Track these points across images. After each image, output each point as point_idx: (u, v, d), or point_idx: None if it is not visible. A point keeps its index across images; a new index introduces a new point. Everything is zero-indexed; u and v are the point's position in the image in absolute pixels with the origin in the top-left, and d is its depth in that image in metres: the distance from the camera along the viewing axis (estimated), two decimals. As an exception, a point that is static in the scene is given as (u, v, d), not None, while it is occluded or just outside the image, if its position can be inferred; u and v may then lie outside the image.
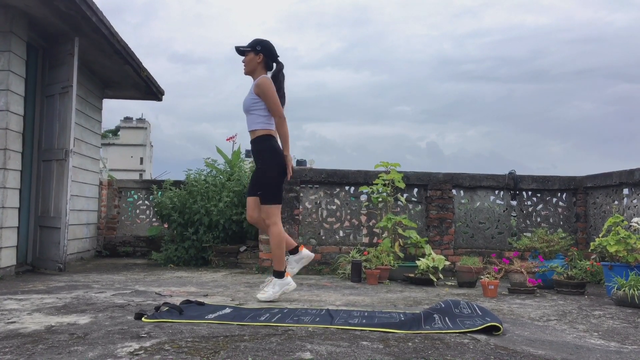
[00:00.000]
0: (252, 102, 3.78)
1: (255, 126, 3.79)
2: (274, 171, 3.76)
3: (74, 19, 5.15)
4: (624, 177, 5.37)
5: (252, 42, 3.88)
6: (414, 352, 2.32)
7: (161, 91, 8.25)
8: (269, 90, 3.72)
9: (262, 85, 3.73)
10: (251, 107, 3.79)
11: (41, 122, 5.77)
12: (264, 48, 3.84)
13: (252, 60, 3.84)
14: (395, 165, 5.84)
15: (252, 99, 3.79)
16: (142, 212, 8.12)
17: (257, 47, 3.84)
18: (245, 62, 3.88)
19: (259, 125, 3.78)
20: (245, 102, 3.85)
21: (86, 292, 4.01)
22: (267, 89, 3.72)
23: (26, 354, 2.17)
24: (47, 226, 5.58)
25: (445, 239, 6.03)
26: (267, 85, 3.73)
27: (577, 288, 4.52)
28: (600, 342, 2.68)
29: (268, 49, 3.85)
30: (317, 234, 6.06)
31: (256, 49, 3.83)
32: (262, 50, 3.84)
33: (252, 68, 3.86)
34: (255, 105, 3.77)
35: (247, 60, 3.86)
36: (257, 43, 3.85)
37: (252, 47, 3.84)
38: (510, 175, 6.26)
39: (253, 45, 3.85)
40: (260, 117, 3.77)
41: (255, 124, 3.79)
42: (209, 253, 6.44)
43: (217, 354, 2.20)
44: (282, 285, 3.75)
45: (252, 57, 3.84)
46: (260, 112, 3.77)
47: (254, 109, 3.78)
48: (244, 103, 3.86)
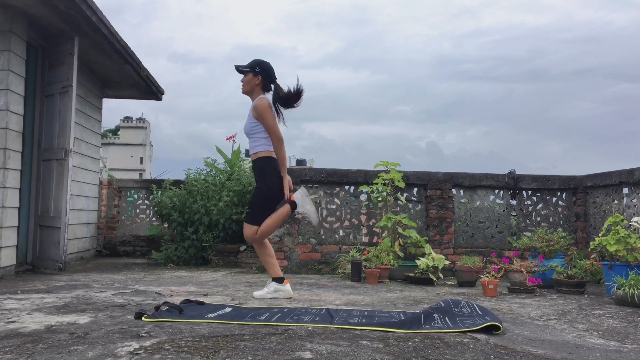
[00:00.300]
0: (252, 126, 3.86)
1: (257, 149, 3.87)
2: (270, 194, 3.84)
3: (74, 19, 5.15)
4: (623, 176, 5.38)
5: (251, 62, 3.92)
6: (413, 351, 2.32)
7: (161, 91, 8.25)
8: (266, 113, 3.77)
9: (258, 108, 3.79)
10: (251, 131, 3.87)
11: (41, 121, 5.77)
12: (262, 70, 3.89)
13: (251, 81, 3.89)
14: (395, 164, 5.84)
15: (251, 122, 3.86)
16: (142, 212, 8.13)
17: (257, 68, 3.89)
18: (244, 82, 3.93)
19: (261, 148, 3.86)
20: (245, 127, 3.94)
21: (86, 291, 4.01)
22: (264, 111, 3.77)
23: (26, 353, 2.17)
24: (47, 226, 5.58)
25: (445, 238, 6.03)
26: (264, 107, 3.78)
27: (577, 287, 4.53)
28: (600, 341, 2.68)
29: (267, 71, 3.90)
30: (317, 234, 6.06)
31: (255, 70, 3.88)
32: (261, 72, 3.89)
33: (250, 88, 3.91)
34: (255, 128, 3.85)
35: (246, 81, 3.92)
36: (257, 64, 3.90)
37: (251, 67, 3.89)
38: (510, 174, 6.26)
39: (252, 67, 3.89)
40: (261, 140, 3.85)
41: (257, 147, 3.87)
42: (208, 252, 6.44)
43: (217, 353, 2.20)
44: (277, 290, 3.84)
45: (251, 77, 3.89)
46: (261, 135, 3.84)
47: (254, 132, 3.86)
48: (245, 127, 3.95)
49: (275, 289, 3.83)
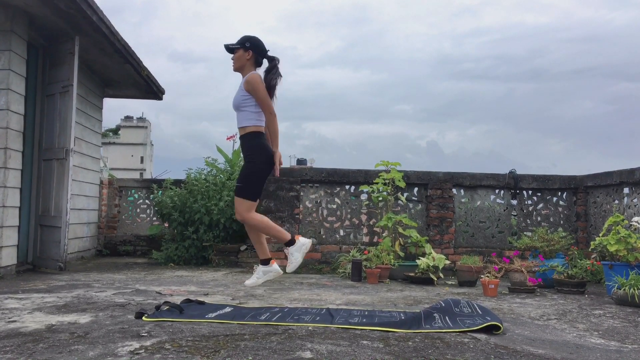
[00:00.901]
0: (243, 99, 3.79)
1: (246, 123, 3.79)
2: (261, 167, 3.76)
3: (75, 18, 5.15)
4: (624, 176, 5.37)
5: (240, 39, 3.89)
6: (414, 351, 2.32)
7: (161, 90, 8.25)
8: (259, 87, 3.72)
9: (252, 82, 3.73)
10: (241, 104, 3.79)
11: (42, 121, 5.77)
12: (252, 45, 3.85)
13: (241, 57, 3.85)
14: (395, 164, 5.84)
15: (242, 95, 3.80)
16: (143, 211, 8.13)
17: (246, 43, 3.85)
18: (235, 59, 3.89)
19: (250, 122, 3.77)
20: (235, 100, 3.85)
21: (87, 291, 4.02)
22: (257, 86, 3.72)
23: (27, 353, 2.17)
24: (48, 225, 5.58)
25: (445, 238, 6.03)
26: (256, 81, 3.73)
27: (578, 287, 4.52)
28: (601, 341, 2.68)
29: (257, 46, 3.86)
30: (317, 233, 6.06)
31: (245, 45, 3.84)
32: (251, 46, 3.84)
33: (241, 64, 3.86)
34: (246, 102, 3.77)
35: (236, 57, 3.87)
36: (246, 40, 3.86)
37: (241, 44, 3.85)
38: (510, 174, 6.26)
39: (242, 42, 3.86)
40: (251, 114, 3.77)
41: (245, 120, 3.79)
42: (209, 252, 6.44)
43: (218, 353, 2.20)
44: (266, 272, 3.82)
45: (241, 53, 3.85)
46: (251, 109, 3.77)
47: (245, 106, 3.78)
48: (234, 100, 3.87)
49: (264, 271, 3.81)
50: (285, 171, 6.17)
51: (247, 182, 3.76)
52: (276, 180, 5.96)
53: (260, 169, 3.76)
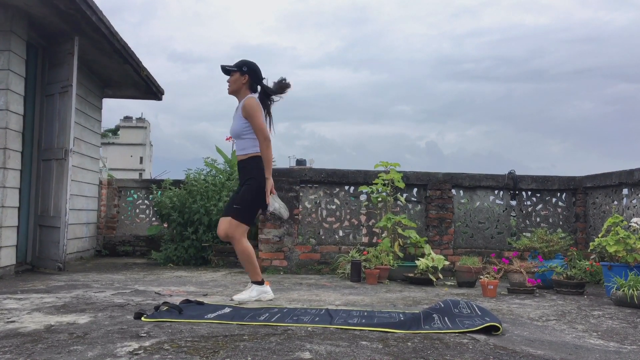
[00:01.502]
0: (243, 127, 3.75)
1: (248, 150, 3.77)
2: (261, 192, 3.73)
3: (74, 18, 5.15)
4: (623, 177, 5.38)
5: (238, 62, 3.88)
6: (413, 352, 2.32)
7: (161, 90, 8.25)
8: (255, 111, 3.71)
9: (248, 107, 3.72)
10: (242, 133, 3.77)
11: (41, 121, 5.77)
12: (250, 70, 3.85)
13: (237, 81, 3.85)
14: (394, 165, 5.84)
15: (242, 123, 3.76)
16: (142, 212, 8.13)
17: (244, 67, 3.85)
18: (230, 82, 3.88)
19: (252, 150, 3.76)
20: (235, 129, 3.82)
21: (86, 291, 4.01)
22: (254, 110, 3.71)
23: (26, 353, 2.17)
24: (47, 225, 5.58)
25: (444, 238, 6.04)
26: (253, 105, 3.73)
27: (577, 288, 4.53)
28: (600, 342, 2.68)
29: (254, 71, 3.86)
30: (316, 234, 6.07)
31: (242, 69, 3.84)
32: (248, 71, 3.84)
33: (237, 88, 3.87)
34: (247, 129, 3.75)
35: (232, 80, 3.87)
36: (244, 64, 3.86)
37: (238, 67, 3.85)
38: (509, 175, 6.26)
39: (239, 66, 3.85)
40: (253, 142, 3.76)
41: (247, 148, 3.77)
42: (208, 252, 6.44)
43: (217, 353, 2.20)
44: (260, 292, 3.74)
45: (238, 77, 3.84)
46: (251, 136, 3.75)
47: (246, 134, 3.76)
48: (234, 129, 3.83)
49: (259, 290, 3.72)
50: (284, 171, 6.17)
51: (246, 205, 3.72)
52: (275, 181, 5.94)
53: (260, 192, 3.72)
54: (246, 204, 3.72)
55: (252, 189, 3.72)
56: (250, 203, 3.73)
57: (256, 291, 3.73)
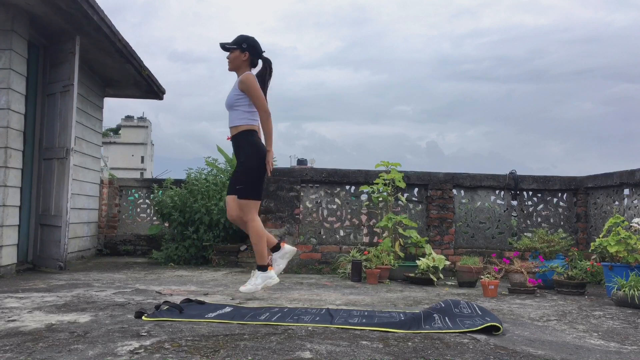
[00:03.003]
0: (236, 98, 3.79)
1: (239, 122, 3.79)
2: (255, 166, 3.74)
3: (75, 18, 5.16)
4: (624, 177, 5.37)
5: (237, 39, 3.88)
6: (413, 351, 2.32)
7: (162, 90, 8.25)
8: (253, 86, 3.74)
9: (246, 81, 3.74)
10: (235, 103, 3.80)
11: (42, 120, 5.77)
12: (249, 46, 3.85)
13: (237, 58, 3.85)
14: (395, 164, 5.84)
15: (236, 94, 3.80)
16: (143, 211, 8.13)
17: (243, 44, 3.85)
18: (230, 59, 3.88)
19: (243, 121, 3.78)
20: (228, 98, 3.85)
21: (87, 290, 4.02)
22: (252, 85, 3.74)
23: (26, 352, 2.17)
24: (48, 224, 5.58)
25: (445, 238, 6.03)
26: (251, 81, 3.75)
27: (577, 288, 4.52)
28: (600, 342, 2.68)
29: (253, 47, 3.87)
30: (317, 233, 6.07)
31: (242, 46, 3.84)
32: (248, 48, 3.85)
33: (237, 65, 3.87)
34: (239, 101, 3.78)
35: (232, 58, 3.87)
36: (243, 40, 3.86)
37: (237, 44, 3.85)
38: (510, 175, 6.25)
39: (239, 43, 3.85)
40: (244, 113, 3.78)
41: (238, 119, 3.79)
42: (209, 252, 6.44)
43: (217, 352, 2.20)
44: (265, 278, 3.74)
45: (238, 54, 3.85)
46: (244, 108, 3.78)
47: (238, 105, 3.79)
48: (228, 99, 3.86)
49: (263, 277, 3.74)
50: (285, 171, 6.17)
51: (246, 181, 3.74)
52: (276, 180, 5.96)
53: (254, 166, 3.74)
54: (247, 182, 3.74)
55: (248, 167, 3.75)
56: (250, 180, 3.74)
57: (261, 278, 3.73)
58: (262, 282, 3.73)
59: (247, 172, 3.76)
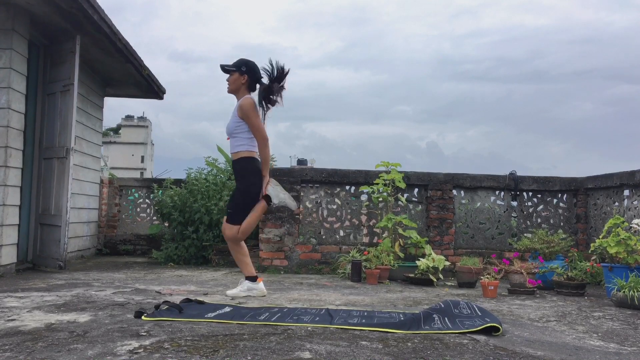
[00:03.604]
0: (236, 125, 3.85)
1: (239, 148, 3.86)
2: (253, 192, 3.84)
3: (76, 17, 5.16)
4: (624, 178, 5.37)
5: (237, 62, 3.93)
6: (413, 352, 2.32)
7: (162, 90, 8.25)
8: (251, 112, 3.78)
9: (244, 107, 3.79)
10: (234, 131, 3.85)
11: (42, 120, 5.77)
12: (249, 69, 3.90)
13: (237, 81, 3.90)
14: (395, 165, 5.84)
15: (235, 122, 3.85)
16: (143, 211, 8.13)
17: (242, 67, 3.90)
18: (230, 82, 3.93)
19: (243, 148, 3.85)
20: (229, 127, 3.91)
21: (86, 290, 4.02)
22: (249, 112, 3.78)
23: (26, 351, 2.17)
24: (48, 224, 5.58)
25: (445, 239, 6.03)
26: (249, 107, 3.78)
27: (577, 289, 4.52)
28: (600, 343, 2.68)
29: (253, 71, 3.91)
30: (317, 234, 6.06)
31: (241, 69, 3.89)
32: (247, 71, 3.89)
33: (236, 88, 3.92)
34: (239, 128, 3.84)
35: (232, 80, 3.92)
36: (243, 64, 3.91)
37: (237, 67, 3.90)
38: (510, 175, 6.25)
39: (238, 66, 3.90)
40: (244, 140, 3.85)
41: (239, 146, 3.86)
42: (209, 252, 6.44)
43: (217, 352, 2.20)
44: (250, 288, 3.84)
45: (237, 77, 3.89)
46: (244, 135, 3.84)
47: (238, 132, 3.85)
48: (228, 127, 3.92)
49: (249, 287, 3.84)
50: (285, 171, 6.17)
51: (239, 209, 3.85)
52: (277, 180, 5.95)
53: (249, 195, 3.84)
54: (237, 207, 3.86)
55: (240, 192, 3.87)
56: (240, 206, 3.86)
57: (247, 287, 3.85)
58: (246, 290, 3.84)
59: (241, 198, 3.87)
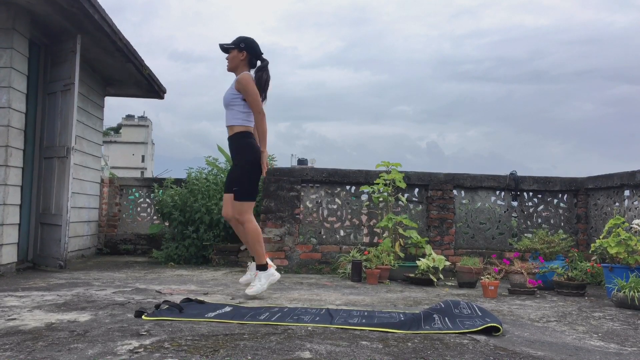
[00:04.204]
0: (232, 97, 3.85)
1: (234, 122, 3.85)
2: (250, 168, 3.82)
3: (77, 17, 5.16)
4: (625, 178, 5.37)
5: (236, 39, 3.95)
6: (413, 352, 2.32)
7: (163, 89, 8.25)
8: (249, 86, 3.78)
9: (242, 81, 3.79)
10: (231, 102, 3.86)
11: (43, 119, 5.78)
12: (247, 46, 3.91)
13: (236, 58, 3.91)
14: (396, 165, 5.84)
15: (232, 94, 3.86)
16: (143, 210, 8.13)
17: (241, 44, 3.91)
18: (229, 59, 3.95)
19: (238, 122, 3.84)
20: (225, 97, 3.91)
21: (87, 289, 4.02)
22: (248, 85, 3.78)
23: (26, 351, 2.17)
24: (48, 223, 5.58)
25: (445, 239, 6.03)
26: (247, 80, 3.79)
27: (577, 289, 4.52)
28: (600, 343, 2.68)
29: (251, 47, 3.92)
30: (317, 233, 6.06)
31: (240, 46, 3.91)
32: (246, 47, 3.91)
33: (235, 65, 3.92)
34: (235, 100, 3.84)
35: (231, 58, 3.93)
36: (241, 40, 3.92)
37: (235, 44, 3.91)
38: (511, 176, 6.25)
39: (237, 43, 3.91)
40: (239, 114, 3.84)
41: (234, 119, 3.85)
42: (209, 251, 6.44)
43: (217, 352, 2.20)
44: (268, 277, 3.80)
45: (236, 54, 3.91)
46: (240, 108, 3.83)
47: (234, 104, 3.84)
48: (224, 98, 3.92)
49: (266, 276, 3.79)
50: (285, 171, 6.17)
51: (242, 183, 3.82)
52: (277, 180, 5.96)
53: (249, 169, 3.82)
54: (242, 183, 3.81)
55: (243, 168, 3.83)
56: (245, 181, 3.81)
57: (264, 277, 3.80)
58: (266, 281, 3.80)
59: (243, 173, 3.84)
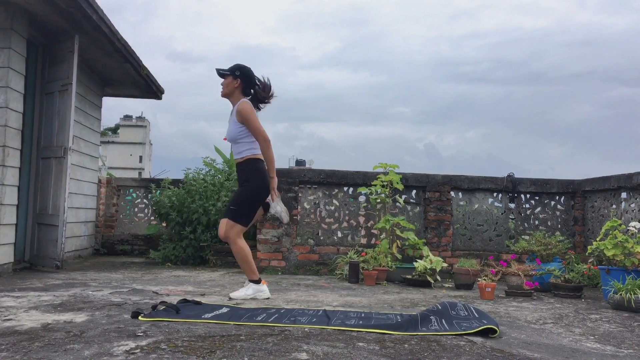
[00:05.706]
0: (238, 131, 3.84)
1: (245, 154, 3.86)
2: (258, 192, 3.82)
3: (75, 17, 5.15)
4: (622, 181, 5.38)
5: (232, 66, 3.97)
6: (410, 353, 2.32)
7: (161, 90, 8.24)
8: (250, 116, 3.79)
9: (242, 111, 3.80)
10: (238, 137, 3.86)
11: (40, 119, 5.77)
12: (242, 74, 3.93)
13: (230, 84, 3.93)
14: (394, 166, 5.84)
15: (237, 127, 3.85)
16: (141, 211, 8.12)
17: (237, 72, 3.93)
18: (224, 85, 3.97)
19: (248, 152, 3.85)
20: (230, 133, 3.90)
21: (83, 290, 4.01)
22: (248, 114, 3.79)
23: (22, 351, 2.17)
24: (45, 224, 5.57)
25: (443, 240, 6.04)
26: (247, 110, 3.80)
27: (574, 291, 4.53)
28: (597, 345, 2.69)
29: (247, 76, 3.94)
30: (315, 235, 6.07)
31: (235, 74, 3.93)
32: (241, 76, 3.93)
33: (229, 91, 3.95)
34: (242, 133, 3.84)
35: (226, 84, 3.95)
36: (237, 68, 3.95)
37: (231, 71, 3.94)
38: (508, 177, 6.26)
39: (232, 70, 3.94)
40: (247, 144, 3.85)
41: (243, 152, 3.86)
42: (206, 252, 6.44)
43: (214, 353, 2.20)
44: (256, 290, 3.82)
45: (231, 81, 3.93)
46: (247, 139, 3.85)
47: (241, 138, 3.85)
48: (230, 133, 3.91)
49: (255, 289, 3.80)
50: (283, 172, 6.17)
51: (242, 206, 3.81)
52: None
53: (256, 193, 3.82)
54: (241, 205, 3.81)
55: (247, 190, 3.83)
56: (245, 204, 3.82)
57: (252, 289, 3.81)
58: (252, 292, 3.80)
59: (247, 196, 3.82)
